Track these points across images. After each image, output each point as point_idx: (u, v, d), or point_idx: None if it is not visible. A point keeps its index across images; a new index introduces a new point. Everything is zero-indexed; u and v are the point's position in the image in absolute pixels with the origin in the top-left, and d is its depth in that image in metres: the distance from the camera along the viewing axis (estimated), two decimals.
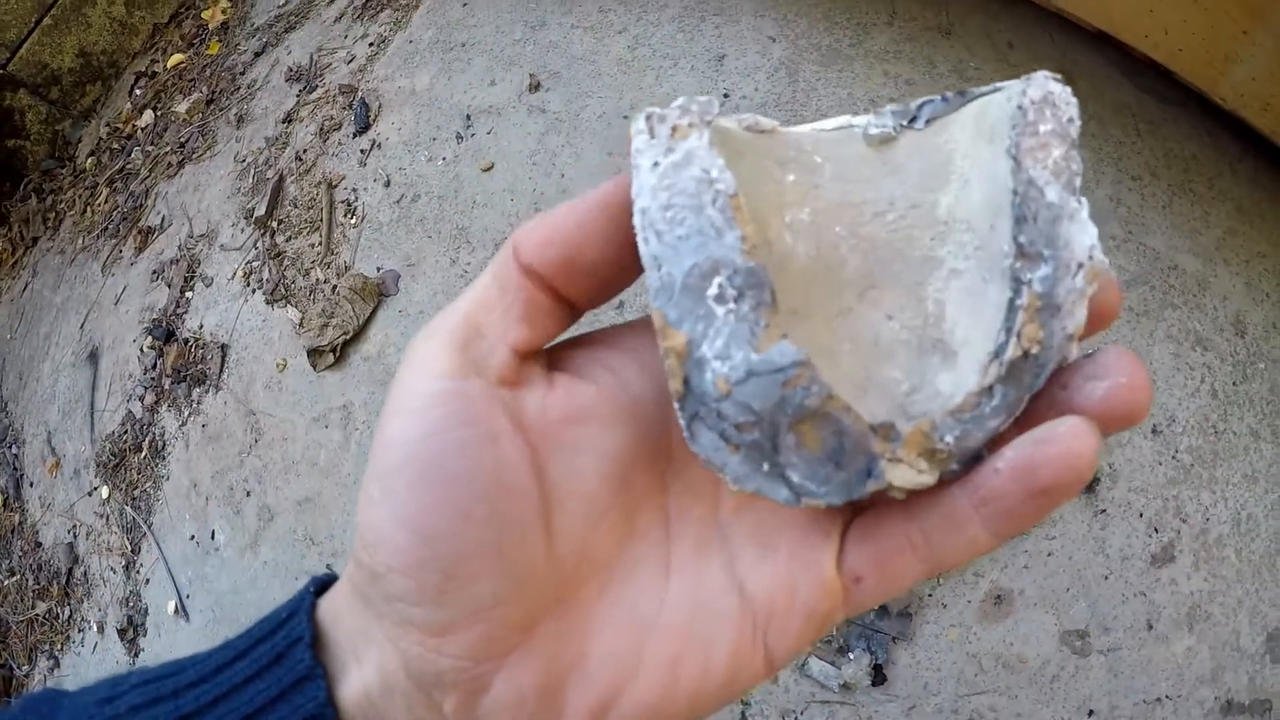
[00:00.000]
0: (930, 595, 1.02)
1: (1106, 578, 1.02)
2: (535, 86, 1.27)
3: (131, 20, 2.04)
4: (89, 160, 1.89)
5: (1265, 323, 1.12)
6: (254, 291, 1.34)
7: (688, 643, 0.20)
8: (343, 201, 1.35)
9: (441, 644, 0.18)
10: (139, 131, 1.79)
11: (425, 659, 0.18)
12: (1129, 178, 1.15)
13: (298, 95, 1.49)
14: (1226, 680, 0.95)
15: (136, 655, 1.28)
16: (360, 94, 1.41)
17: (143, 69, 1.95)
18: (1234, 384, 1.09)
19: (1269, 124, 1.03)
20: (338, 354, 1.20)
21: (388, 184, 1.34)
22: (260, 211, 1.36)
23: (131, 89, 1.92)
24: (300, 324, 1.24)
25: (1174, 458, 1.06)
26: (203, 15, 1.88)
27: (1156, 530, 1.04)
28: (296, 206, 1.35)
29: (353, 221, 1.32)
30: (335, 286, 1.23)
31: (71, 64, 1.98)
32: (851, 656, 0.96)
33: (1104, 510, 1.06)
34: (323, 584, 0.22)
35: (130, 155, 1.77)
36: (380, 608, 0.19)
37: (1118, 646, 0.98)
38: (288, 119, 1.46)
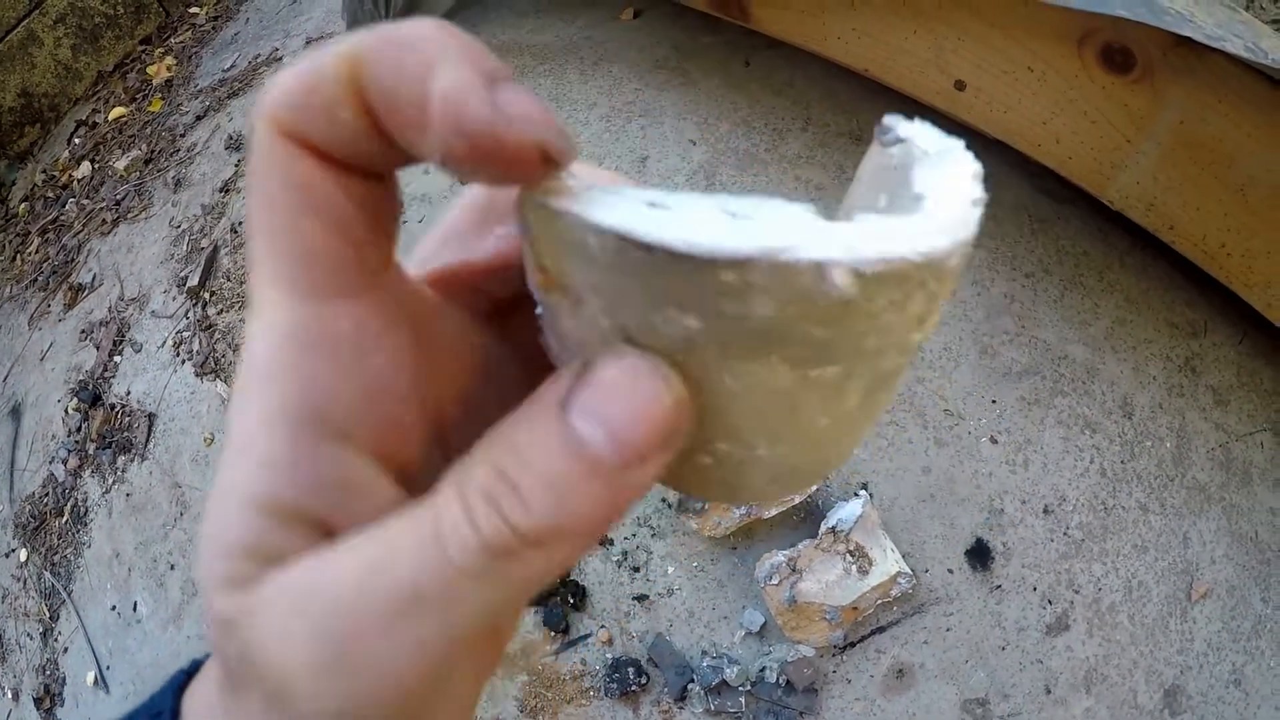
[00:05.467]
0: (835, 672, 1.05)
1: (1004, 648, 1.05)
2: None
3: (76, 65, 2.02)
4: (22, 205, 1.86)
5: (1152, 403, 1.17)
6: (183, 362, 1.33)
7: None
8: None
9: None
10: (75, 182, 1.77)
11: None
12: (1022, 275, 1.21)
13: (236, 165, 1.48)
14: None
15: None
16: None
17: (83, 117, 1.92)
18: (1122, 462, 1.14)
19: (1153, 222, 1.09)
20: None
21: None
22: (193, 281, 1.36)
23: (70, 137, 1.90)
24: (228, 400, 1.24)
25: (1065, 534, 1.10)
26: (148, 70, 1.87)
27: (1051, 602, 1.07)
28: (229, 280, 1.35)
29: None
30: None
31: (12, 103, 1.95)
32: None
33: (999, 586, 1.09)
34: (193, 670, 0.17)
35: (65, 206, 1.74)
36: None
37: (1017, 712, 1.01)
38: (225, 188, 1.46)
